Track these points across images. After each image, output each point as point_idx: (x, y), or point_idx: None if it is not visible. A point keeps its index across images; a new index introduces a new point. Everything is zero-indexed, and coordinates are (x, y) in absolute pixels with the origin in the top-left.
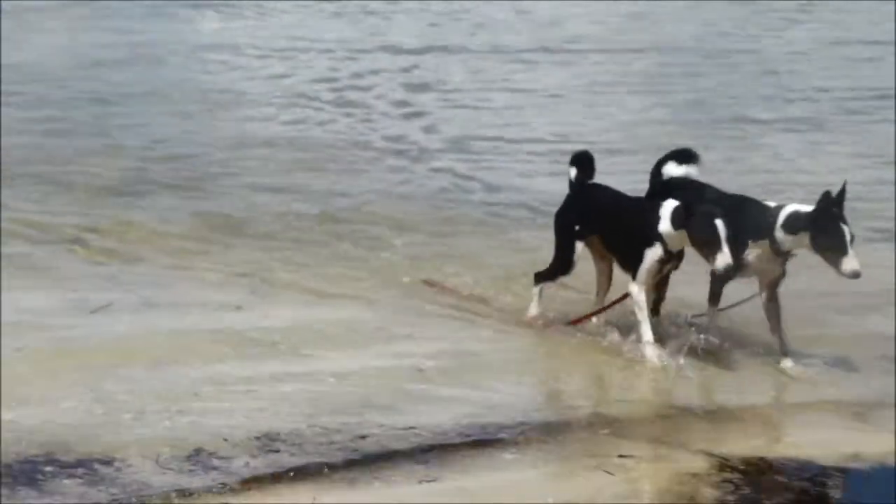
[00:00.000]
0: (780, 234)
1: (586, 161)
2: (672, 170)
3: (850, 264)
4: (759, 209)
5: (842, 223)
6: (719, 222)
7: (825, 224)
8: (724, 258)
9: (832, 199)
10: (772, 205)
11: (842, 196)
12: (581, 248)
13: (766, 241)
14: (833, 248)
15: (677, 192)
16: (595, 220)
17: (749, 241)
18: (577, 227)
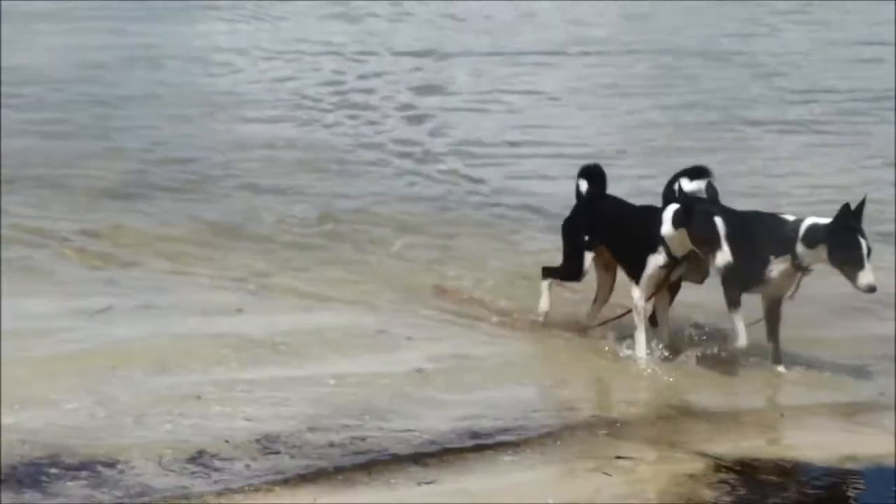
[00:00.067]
0: (801, 248)
1: (596, 174)
2: (685, 186)
3: (866, 278)
4: (778, 223)
5: (860, 236)
6: (718, 220)
7: (843, 237)
8: (724, 255)
9: (850, 211)
10: (790, 218)
11: (861, 209)
12: (590, 258)
13: (788, 256)
14: (850, 261)
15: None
16: (602, 229)
17: (771, 257)
18: (586, 238)
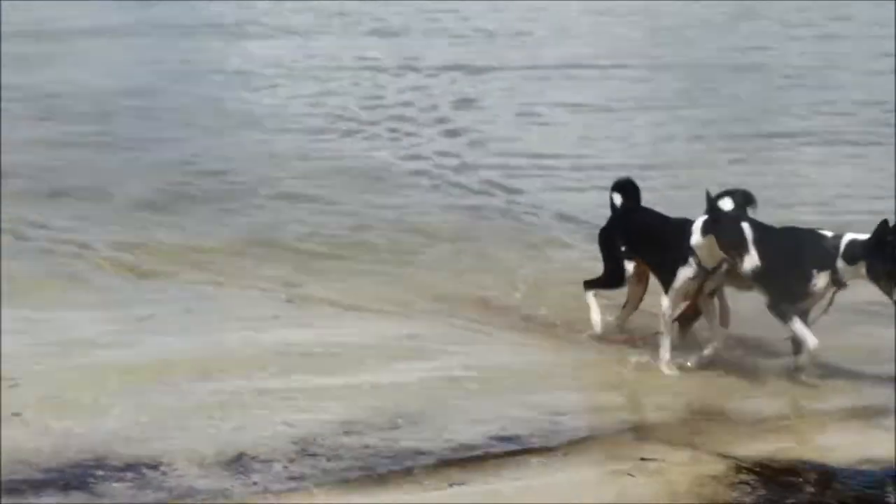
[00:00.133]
0: (841, 263)
1: (630, 187)
2: (726, 206)
3: None
4: (819, 239)
5: None
6: (745, 226)
7: (881, 253)
8: (752, 260)
9: (889, 227)
10: (829, 234)
11: None
12: (630, 267)
13: (829, 271)
14: (888, 276)
15: None
16: (636, 240)
17: (814, 271)
18: (623, 248)
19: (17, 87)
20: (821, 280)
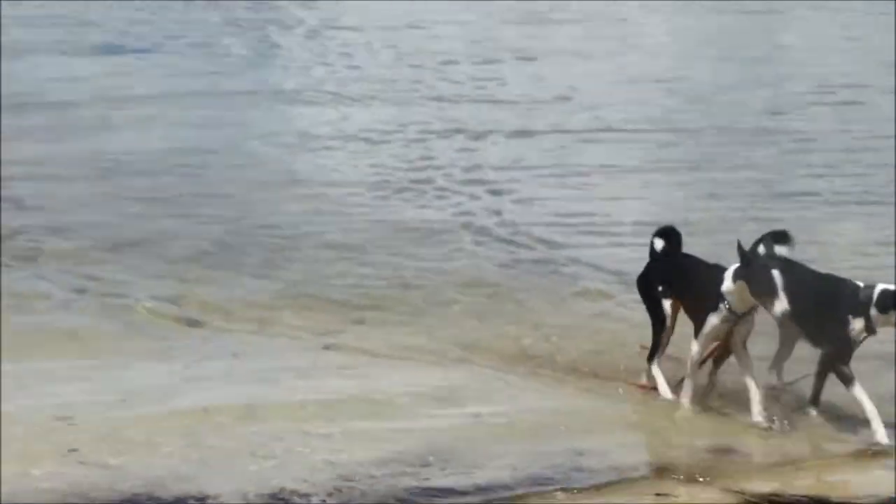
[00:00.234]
0: (874, 312)
1: (672, 235)
2: (762, 249)
3: None
4: (853, 288)
5: None
6: (776, 272)
7: None
8: (781, 304)
9: None
10: (861, 284)
11: None
12: (668, 305)
13: (862, 318)
14: None
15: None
16: (675, 284)
17: (850, 317)
18: (661, 288)
19: (79, 150)
20: (857, 325)
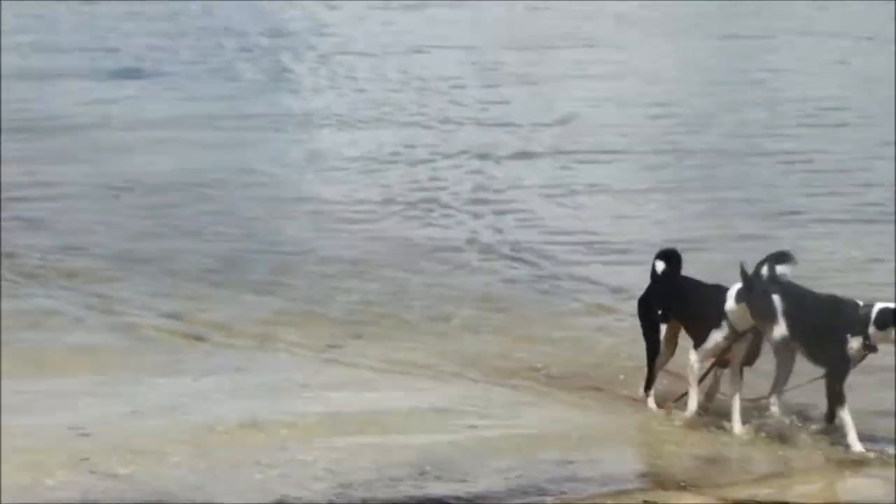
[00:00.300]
0: (873, 329)
1: (673, 257)
2: (769, 269)
3: None
4: (852, 308)
5: None
6: (776, 297)
7: None
8: (780, 330)
9: None
10: (861, 303)
11: None
12: (664, 330)
13: (860, 336)
14: None
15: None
16: (675, 305)
17: (848, 336)
18: (660, 312)
19: (93, 172)
20: (854, 344)
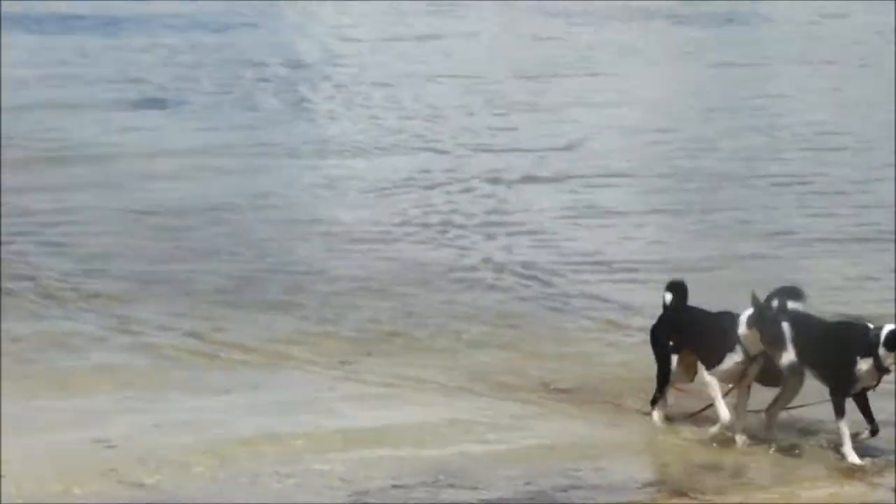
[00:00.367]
0: (883, 351)
1: (680, 289)
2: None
3: None
4: (862, 330)
5: None
6: (786, 325)
7: None
8: (788, 356)
9: None
10: (871, 326)
11: None
12: (676, 360)
13: (871, 358)
14: None
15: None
16: (686, 335)
17: (857, 358)
18: (672, 343)
19: (116, 199)
20: (864, 365)
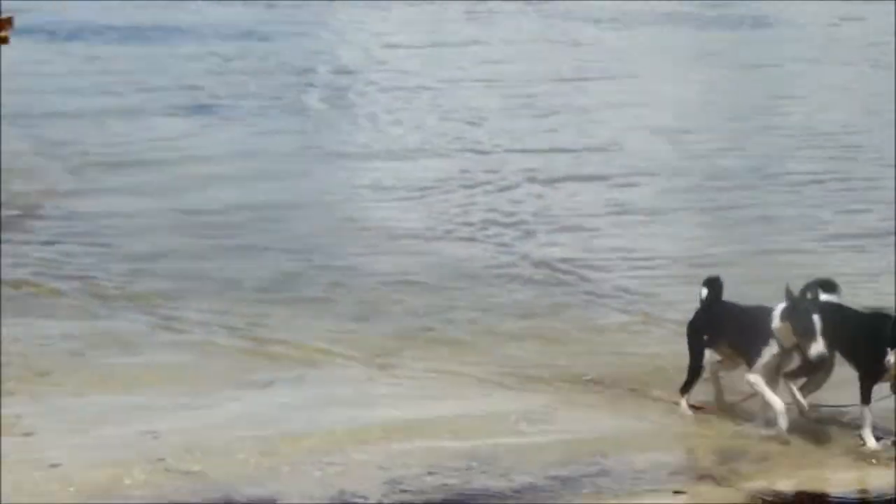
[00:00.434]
0: None
1: (716, 284)
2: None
3: None
4: (893, 321)
5: None
6: (816, 317)
7: None
8: (818, 347)
9: None
10: None
11: None
12: (709, 354)
13: None
14: None
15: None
16: (723, 329)
17: (888, 349)
18: (706, 337)
19: (164, 203)
20: (892, 357)
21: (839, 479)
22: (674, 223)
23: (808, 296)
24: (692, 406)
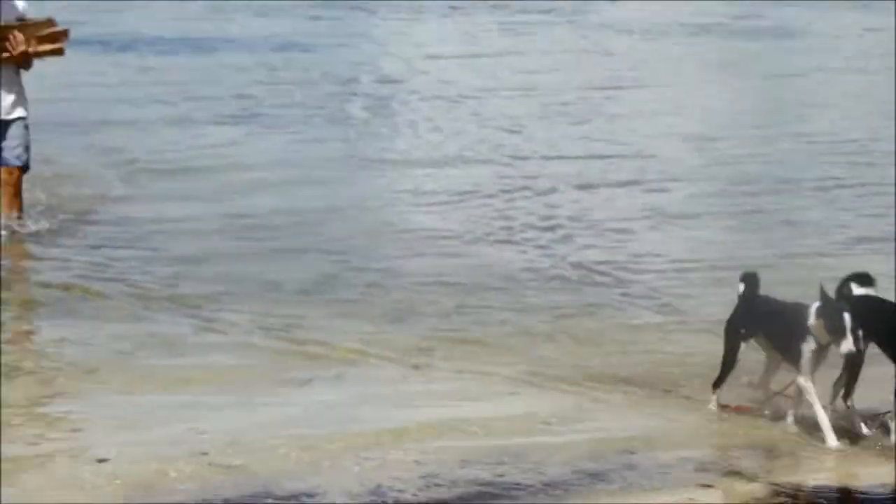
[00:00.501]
0: None
1: (753, 279)
2: (854, 289)
3: None
4: None
5: None
6: (847, 315)
7: None
8: (848, 344)
9: None
10: None
11: None
12: (744, 347)
13: None
14: None
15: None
16: (760, 321)
17: None
18: (743, 331)
19: (213, 209)
20: None
21: (868, 474)
22: (703, 227)
23: (844, 291)
24: (724, 406)
